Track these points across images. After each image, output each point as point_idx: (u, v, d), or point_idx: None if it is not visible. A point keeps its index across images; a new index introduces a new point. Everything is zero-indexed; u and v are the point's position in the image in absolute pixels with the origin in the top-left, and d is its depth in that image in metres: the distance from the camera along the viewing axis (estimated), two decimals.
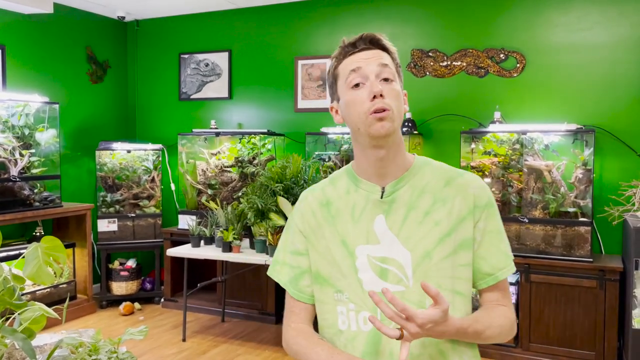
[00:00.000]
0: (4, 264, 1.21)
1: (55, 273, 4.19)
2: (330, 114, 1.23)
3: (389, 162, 1.15)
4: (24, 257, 1.29)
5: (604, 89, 3.76)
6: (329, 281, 1.18)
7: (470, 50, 4.11)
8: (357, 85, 1.13)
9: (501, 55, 4.03)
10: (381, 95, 1.10)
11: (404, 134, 4.07)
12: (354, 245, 1.15)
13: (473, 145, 3.88)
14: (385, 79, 1.12)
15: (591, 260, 3.46)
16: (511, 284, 3.67)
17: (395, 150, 1.16)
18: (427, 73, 4.25)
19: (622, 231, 3.66)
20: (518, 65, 3.98)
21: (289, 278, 1.24)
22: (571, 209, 3.59)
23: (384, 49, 1.17)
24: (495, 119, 3.86)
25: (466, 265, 1.14)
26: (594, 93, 3.79)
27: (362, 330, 1.13)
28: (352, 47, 1.17)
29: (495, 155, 3.82)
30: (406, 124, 4.11)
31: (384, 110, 1.09)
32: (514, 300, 3.64)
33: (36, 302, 1.23)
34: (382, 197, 1.16)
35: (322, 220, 1.21)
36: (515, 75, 4.00)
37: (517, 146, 3.76)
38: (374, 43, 1.16)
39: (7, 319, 1.19)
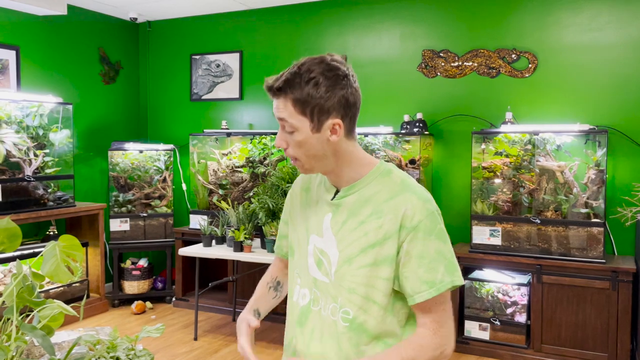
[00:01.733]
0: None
1: (72, 271, 4.23)
2: None
3: (334, 177, 1.28)
4: (42, 255, 1.31)
5: (616, 89, 3.74)
6: (295, 257, 1.37)
7: (482, 51, 4.10)
8: None
9: (513, 56, 4.01)
10: (283, 149, 1.24)
11: (414, 134, 4.07)
12: (309, 232, 1.31)
13: (484, 146, 3.87)
14: (289, 132, 1.21)
15: (604, 261, 3.44)
16: (523, 284, 3.65)
17: (338, 170, 1.26)
18: (438, 73, 4.25)
19: (635, 232, 3.64)
20: (530, 65, 3.97)
21: (277, 240, 1.53)
22: (584, 210, 3.57)
23: (284, 95, 1.19)
24: (506, 120, 3.85)
25: (385, 279, 1.20)
26: (607, 93, 3.76)
27: (299, 304, 1.32)
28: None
29: (506, 156, 3.80)
30: (417, 124, 4.10)
31: (294, 159, 1.25)
32: (525, 301, 3.63)
33: (54, 300, 1.25)
34: (332, 199, 1.28)
35: (299, 204, 1.38)
36: (527, 75, 3.98)
37: (529, 147, 3.74)
38: (272, 92, 1.21)
39: (27, 316, 1.21)
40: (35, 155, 4.15)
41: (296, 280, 1.35)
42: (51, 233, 4.42)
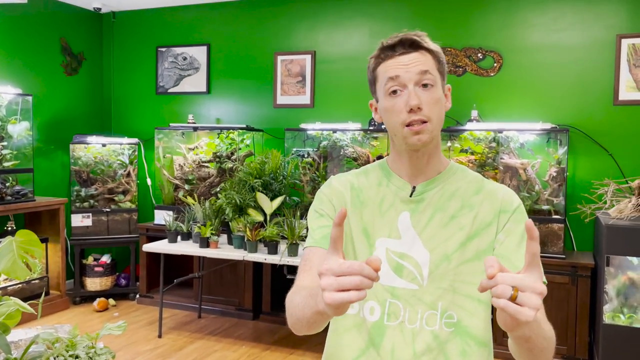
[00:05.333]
0: None
1: (30, 268, 4.11)
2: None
3: (424, 164, 1.16)
4: None
5: (578, 89, 3.84)
6: None
7: (449, 49, 4.15)
8: (395, 91, 1.11)
9: (479, 55, 4.07)
10: (419, 108, 1.09)
11: (382, 131, 4.09)
12: (375, 237, 1.15)
13: (450, 144, 3.92)
14: (425, 85, 1.11)
15: (564, 256, 3.53)
16: None
17: (432, 153, 1.16)
18: None
19: (593, 228, 3.75)
20: (495, 64, 4.03)
21: (324, 235, 1.15)
22: (545, 207, 3.66)
23: (426, 50, 1.15)
24: (472, 118, 3.91)
25: None
26: (569, 93, 3.86)
27: (367, 320, 1.13)
28: (391, 51, 1.13)
29: (472, 153, 3.86)
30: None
31: (422, 122, 1.09)
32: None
33: (11, 297, 1.21)
34: (411, 196, 1.16)
35: (350, 204, 1.19)
36: (492, 74, 4.05)
37: (494, 144, 3.81)
38: (414, 46, 1.13)
39: None
40: None
41: None
42: (9, 228, 4.28)
